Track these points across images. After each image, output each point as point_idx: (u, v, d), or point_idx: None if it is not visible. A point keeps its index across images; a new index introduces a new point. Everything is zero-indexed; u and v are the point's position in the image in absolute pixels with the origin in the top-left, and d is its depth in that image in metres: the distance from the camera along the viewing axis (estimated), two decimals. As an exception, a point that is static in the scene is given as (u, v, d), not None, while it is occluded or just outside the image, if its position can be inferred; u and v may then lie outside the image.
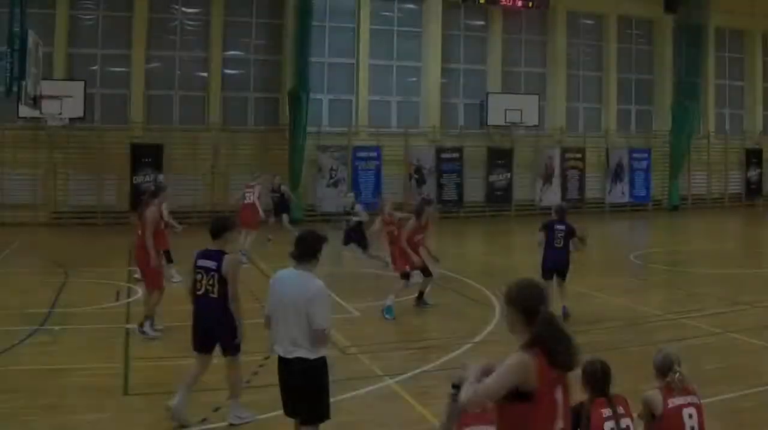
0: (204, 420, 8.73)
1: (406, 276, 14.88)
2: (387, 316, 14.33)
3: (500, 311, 13.90)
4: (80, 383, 10.17)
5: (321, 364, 6.87)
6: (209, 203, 30.38)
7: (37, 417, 8.89)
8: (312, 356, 6.79)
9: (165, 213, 15.38)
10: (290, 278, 6.97)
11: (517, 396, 4.46)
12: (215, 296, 8.48)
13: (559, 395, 4.61)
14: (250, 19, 33.34)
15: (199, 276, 8.58)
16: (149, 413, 9.05)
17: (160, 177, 23.25)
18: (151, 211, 13.21)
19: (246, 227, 20.13)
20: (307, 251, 6.97)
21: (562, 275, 14.07)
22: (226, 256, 8.57)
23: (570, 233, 14.13)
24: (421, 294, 15.24)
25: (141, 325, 12.60)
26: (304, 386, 6.84)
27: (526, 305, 4.59)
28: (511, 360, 4.48)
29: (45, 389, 9.86)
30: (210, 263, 8.53)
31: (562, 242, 14.07)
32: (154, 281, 12.93)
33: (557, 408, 4.59)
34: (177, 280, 16.83)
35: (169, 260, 17.15)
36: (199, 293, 8.57)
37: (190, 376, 8.74)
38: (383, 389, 9.91)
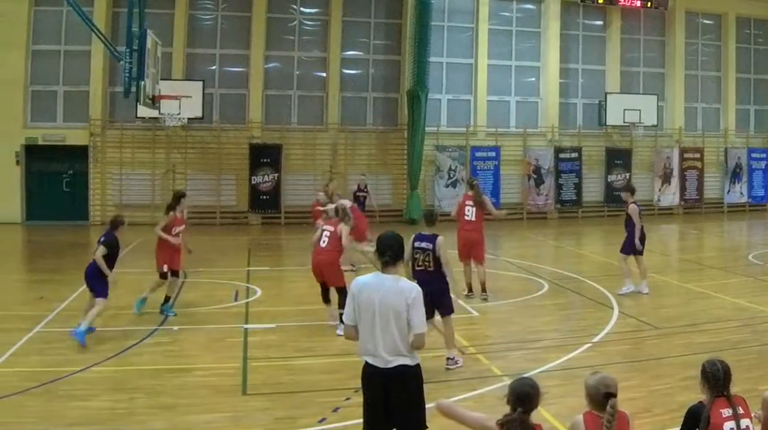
0: (323, 420, 8.24)
1: None
2: None
3: (618, 311, 13.81)
4: (198, 382, 9.70)
5: (420, 370, 6.25)
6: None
7: (155, 416, 8.40)
8: (413, 362, 6.13)
9: None
10: (382, 284, 6.13)
11: None
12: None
13: None
14: (368, 19, 31.22)
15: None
16: (267, 413, 8.56)
17: (334, 184, 21.54)
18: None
19: None
20: (398, 254, 6.31)
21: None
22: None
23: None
24: None
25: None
26: (408, 394, 6.10)
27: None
28: None
29: (163, 389, 9.37)
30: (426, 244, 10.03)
31: None
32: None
33: None
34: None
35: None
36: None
37: None
38: (503, 390, 8.34)
